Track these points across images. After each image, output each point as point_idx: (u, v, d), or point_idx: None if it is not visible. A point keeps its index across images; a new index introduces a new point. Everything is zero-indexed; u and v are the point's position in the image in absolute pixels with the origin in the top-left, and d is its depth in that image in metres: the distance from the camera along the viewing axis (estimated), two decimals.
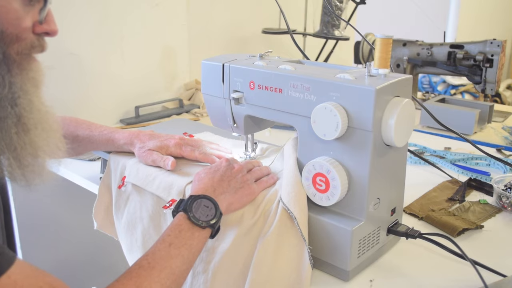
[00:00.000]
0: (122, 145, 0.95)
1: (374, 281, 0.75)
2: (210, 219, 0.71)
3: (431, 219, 0.91)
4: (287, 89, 0.78)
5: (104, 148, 0.98)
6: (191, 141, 0.94)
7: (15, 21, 0.58)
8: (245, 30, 1.93)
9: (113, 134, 0.96)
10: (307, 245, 0.73)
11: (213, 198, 0.74)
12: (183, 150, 0.92)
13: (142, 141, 0.93)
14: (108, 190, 1.00)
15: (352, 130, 0.71)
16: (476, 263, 0.76)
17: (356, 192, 0.73)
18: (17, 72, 0.59)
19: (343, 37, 1.81)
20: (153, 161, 0.90)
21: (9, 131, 0.60)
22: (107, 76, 1.47)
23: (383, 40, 0.75)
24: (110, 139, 0.95)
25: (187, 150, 0.92)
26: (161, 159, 0.90)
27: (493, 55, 1.50)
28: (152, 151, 0.91)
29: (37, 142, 0.63)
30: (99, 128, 0.98)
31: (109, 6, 1.43)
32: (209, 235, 0.72)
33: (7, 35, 0.57)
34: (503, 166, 1.17)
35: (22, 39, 0.59)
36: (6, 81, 0.58)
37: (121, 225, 0.95)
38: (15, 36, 0.58)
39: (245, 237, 0.76)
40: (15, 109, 0.60)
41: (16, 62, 0.59)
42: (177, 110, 1.62)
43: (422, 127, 1.51)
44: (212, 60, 0.90)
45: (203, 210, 0.72)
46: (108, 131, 0.97)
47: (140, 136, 0.94)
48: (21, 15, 0.58)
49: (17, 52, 0.59)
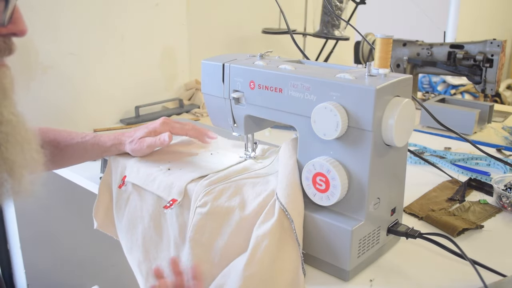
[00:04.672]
0: (110, 147, 0.93)
1: (374, 281, 0.75)
2: None
3: (431, 219, 0.91)
4: (287, 89, 0.78)
5: (90, 154, 0.95)
6: (175, 121, 0.95)
7: None
8: (245, 30, 1.93)
9: (98, 138, 0.93)
10: (301, 249, 0.73)
11: None
12: (173, 127, 0.92)
13: (129, 136, 0.93)
14: (108, 189, 1.00)
15: (352, 130, 0.71)
16: (476, 263, 0.76)
17: (356, 192, 0.73)
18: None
19: (343, 37, 1.82)
20: (149, 146, 0.90)
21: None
22: (107, 76, 1.47)
23: (383, 40, 0.75)
24: (95, 144, 0.93)
25: (176, 127, 0.92)
26: (156, 139, 0.89)
27: (493, 55, 1.50)
28: (143, 138, 0.90)
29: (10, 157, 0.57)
30: (80, 134, 0.95)
31: (109, 6, 1.43)
32: None
33: None
34: (503, 166, 1.17)
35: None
36: None
37: (122, 225, 0.95)
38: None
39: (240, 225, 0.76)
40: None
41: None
42: (177, 110, 1.62)
43: (422, 127, 1.51)
44: (212, 60, 0.90)
45: None
46: (90, 136, 0.94)
47: (126, 133, 0.94)
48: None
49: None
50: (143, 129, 0.93)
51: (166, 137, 0.87)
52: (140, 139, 0.90)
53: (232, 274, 0.72)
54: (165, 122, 0.92)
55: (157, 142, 0.89)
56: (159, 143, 0.89)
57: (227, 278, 0.73)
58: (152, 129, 0.91)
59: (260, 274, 0.70)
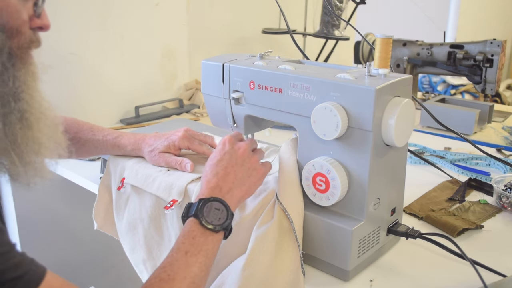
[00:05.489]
0: (130, 151, 0.94)
1: (374, 281, 0.75)
2: (222, 222, 0.69)
3: (431, 219, 0.91)
4: (287, 89, 0.78)
5: (109, 153, 0.97)
6: (196, 134, 0.94)
7: (15, 14, 0.57)
8: (245, 30, 1.93)
9: (118, 140, 0.95)
10: (300, 249, 0.73)
11: (222, 199, 0.71)
12: (191, 143, 0.92)
13: (149, 144, 0.93)
14: (107, 190, 1.00)
15: (352, 130, 0.71)
16: (476, 263, 0.76)
17: (356, 192, 0.73)
18: (20, 67, 0.58)
19: (343, 37, 1.82)
20: (167, 164, 0.90)
21: (14, 127, 0.58)
22: (107, 76, 1.47)
23: (383, 40, 0.75)
24: (115, 145, 0.95)
25: (195, 144, 0.92)
26: (176, 161, 0.89)
27: (493, 55, 1.50)
28: (163, 153, 0.91)
29: (39, 138, 0.61)
30: (101, 132, 0.96)
31: (109, 6, 1.43)
32: (222, 237, 0.70)
33: (8, 29, 0.56)
34: (503, 166, 1.17)
35: (22, 33, 0.58)
36: (11, 75, 0.57)
37: (122, 226, 0.95)
38: (16, 29, 0.57)
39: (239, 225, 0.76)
40: (18, 104, 0.58)
41: (18, 57, 0.58)
42: (177, 110, 1.62)
43: (422, 127, 1.51)
44: (212, 60, 0.90)
45: (214, 213, 0.69)
46: (112, 136, 0.95)
47: (146, 140, 0.94)
48: (20, 8, 0.57)
49: (18, 46, 0.58)
50: (163, 139, 0.92)
51: (188, 167, 0.88)
52: (160, 154, 0.91)
53: (232, 274, 0.72)
54: (185, 137, 0.92)
55: (176, 166, 0.90)
56: (179, 168, 0.89)
57: (226, 278, 0.73)
58: (171, 142, 0.91)
59: (260, 274, 0.70)
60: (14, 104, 0.58)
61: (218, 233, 0.69)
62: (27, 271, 0.52)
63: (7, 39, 0.57)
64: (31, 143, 0.60)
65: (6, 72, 0.57)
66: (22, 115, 0.59)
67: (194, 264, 0.64)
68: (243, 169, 0.75)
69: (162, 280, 0.62)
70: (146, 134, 0.97)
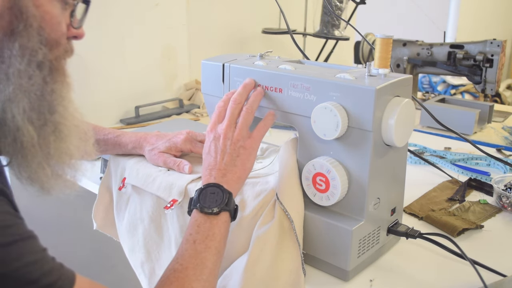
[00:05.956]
0: (131, 150, 0.94)
1: (374, 281, 0.75)
2: (220, 203, 0.70)
3: (431, 219, 0.91)
4: (287, 89, 0.78)
5: (111, 152, 0.97)
6: (198, 136, 0.94)
7: (56, 26, 0.56)
8: (245, 30, 1.93)
9: (120, 138, 0.94)
10: (301, 249, 0.73)
11: (215, 183, 0.72)
12: (194, 146, 0.92)
13: (150, 143, 0.92)
14: (108, 191, 1.00)
15: (352, 130, 0.71)
16: (476, 263, 0.76)
17: (356, 192, 0.73)
18: (57, 79, 0.58)
19: (343, 37, 1.82)
20: (165, 164, 0.90)
21: (48, 138, 0.58)
22: (107, 76, 1.47)
23: (383, 40, 0.75)
24: (116, 143, 0.94)
25: (197, 147, 0.92)
26: (174, 163, 0.89)
27: (493, 55, 1.50)
28: (162, 153, 0.90)
29: (71, 150, 0.61)
30: (102, 131, 0.96)
31: (109, 6, 1.43)
32: (228, 218, 0.71)
33: (49, 41, 0.56)
34: (503, 166, 1.17)
35: (60, 44, 0.58)
36: (50, 88, 0.57)
37: (123, 226, 0.95)
38: (55, 41, 0.57)
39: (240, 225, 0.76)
40: (54, 116, 0.58)
41: (55, 68, 0.58)
42: (177, 110, 1.62)
43: (422, 127, 1.51)
44: (212, 60, 0.90)
45: (211, 197, 0.71)
46: (113, 134, 0.95)
47: (148, 138, 0.93)
48: (61, 20, 0.57)
49: (55, 58, 0.57)
50: (165, 140, 0.92)
51: (186, 169, 0.88)
52: (160, 154, 0.90)
53: (234, 275, 0.72)
54: (188, 140, 0.91)
55: (173, 167, 0.89)
56: (176, 169, 0.89)
57: (229, 280, 0.73)
58: (173, 144, 0.91)
59: (261, 274, 0.70)
60: (49, 116, 0.57)
61: (220, 215, 0.70)
62: (60, 277, 0.52)
63: (49, 52, 0.56)
64: (64, 155, 0.60)
65: (46, 86, 0.56)
66: (56, 127, 0.58)
67: (204, 250, 0.66)
68: (228, 153, 0.76)
69: (176, 271, 0.64)
70: (148, 132, 0.96)
